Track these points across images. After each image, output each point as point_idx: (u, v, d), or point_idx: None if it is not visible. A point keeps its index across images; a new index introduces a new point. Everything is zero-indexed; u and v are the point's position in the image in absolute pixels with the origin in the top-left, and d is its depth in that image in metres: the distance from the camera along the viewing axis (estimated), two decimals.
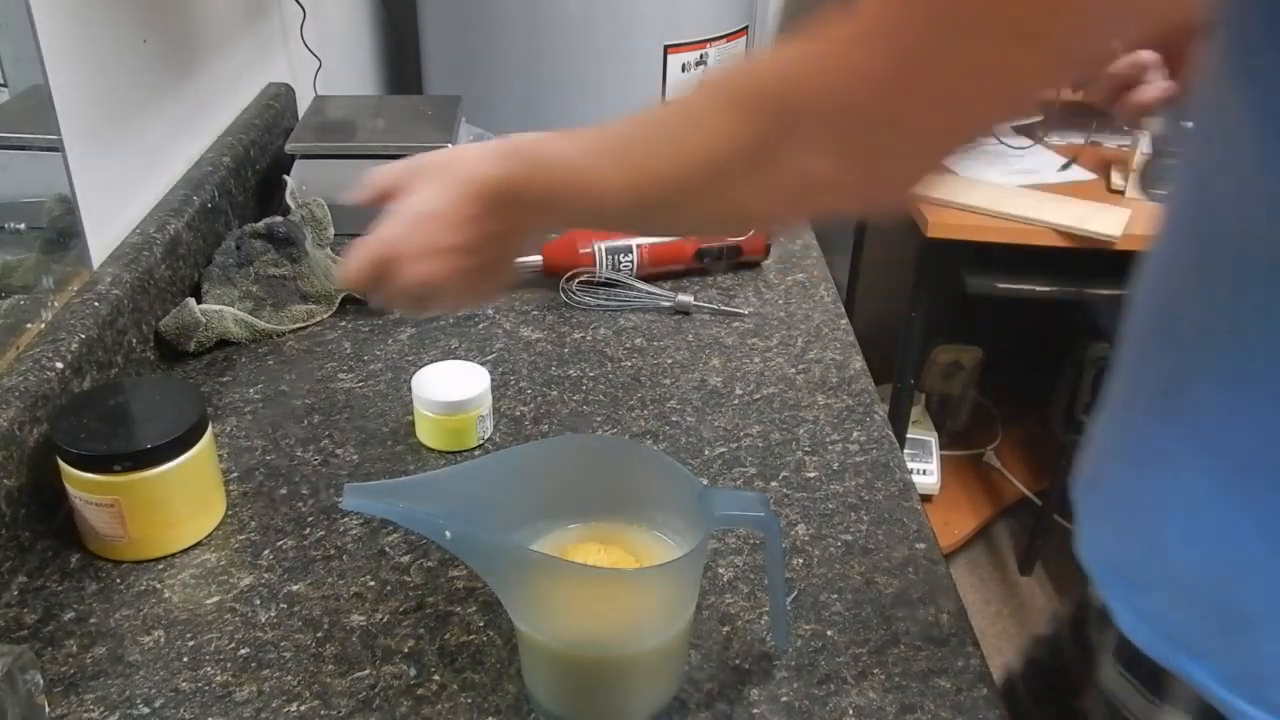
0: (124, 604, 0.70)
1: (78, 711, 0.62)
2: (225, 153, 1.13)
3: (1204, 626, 0.56)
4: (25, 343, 0.79)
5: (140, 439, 0.71)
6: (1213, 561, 0.55)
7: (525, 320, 1.04)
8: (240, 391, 0.91)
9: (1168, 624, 0.57)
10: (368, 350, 0.98)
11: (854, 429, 0.88)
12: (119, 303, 0.86)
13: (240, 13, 1.25)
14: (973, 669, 0.66)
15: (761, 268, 1.14)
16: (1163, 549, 0.57)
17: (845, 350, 1.00)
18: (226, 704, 0.63)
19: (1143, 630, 0.58)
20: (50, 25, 0.82)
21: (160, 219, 0.98)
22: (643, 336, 1.01)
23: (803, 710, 0.63)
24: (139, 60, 0.98)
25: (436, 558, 0.74)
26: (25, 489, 0.72)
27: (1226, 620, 0.55)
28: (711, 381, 0.94)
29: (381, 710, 0.63)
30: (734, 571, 0.73)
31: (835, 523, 0.78)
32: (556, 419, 0.89)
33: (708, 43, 1.70)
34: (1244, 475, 0.53)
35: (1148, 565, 0.59)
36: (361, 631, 0.68)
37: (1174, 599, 0.57)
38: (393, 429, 0.87)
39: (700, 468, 0.83)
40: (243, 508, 0.78)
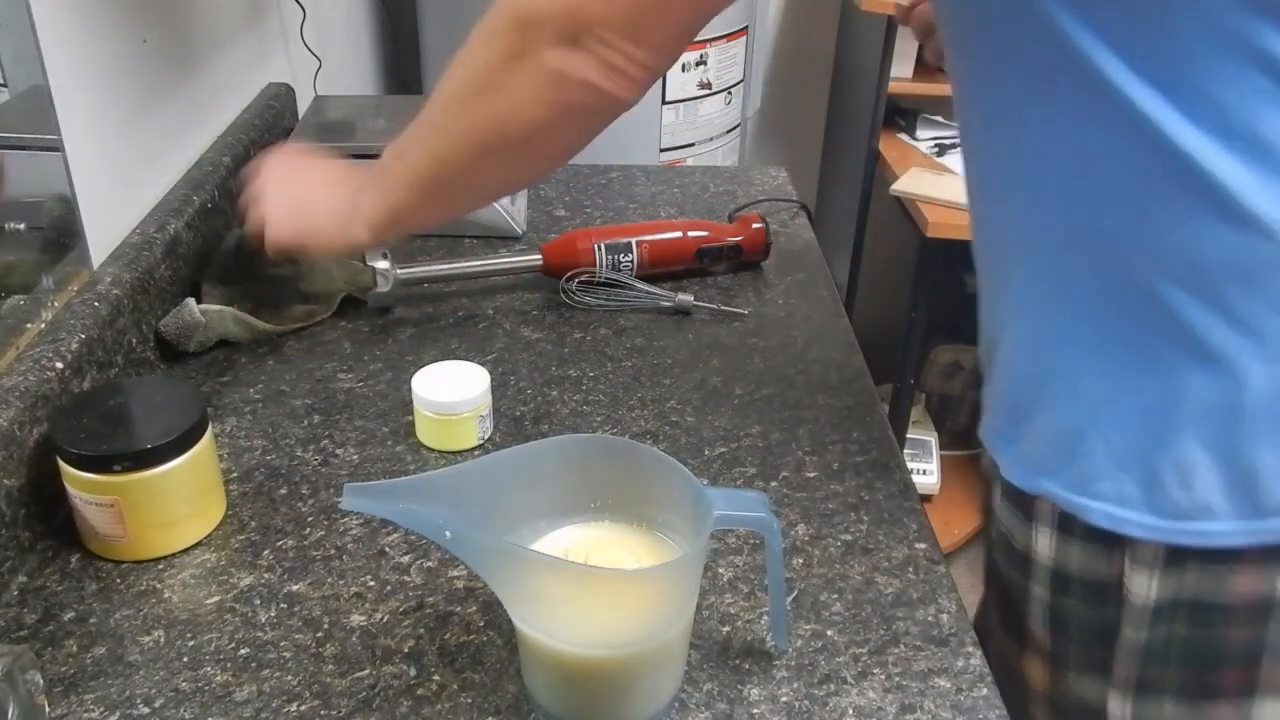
0: (124, 604, 0.70)
1: (78, 711, 0.62)
2: (225, 153, 1.13)
3: (1048, 449, 0.70)
4: (25, 343, 0.79)
5: (140, 439, 0.71)
6: (1043, 375, 0.69)
7: (525, 320, 1.04)
8: (240, 391, 0.91)
9: (1026, 455, 0.72)
10: (368, 350, 0.98)
11: (854, 429, 0.88)
12: (119, 303, 0.86)
13: (240, 13, 1.25)
14: (973, 669, 0.66)
15: (761, 268, 1.14)
16: (1010, 375, 0.73)
17: (845, 350, 1.00)
18: (226, 704, 0.63)
19: (1013, 467, 0.73)
20: (50, 25, 0.82)
21: (160, 219, 0.98)
22: (643, 336, 1.01)
23: (803, 710, 0.63)
24: (139, 60, 0.98)
25: (436, 558, 0.74)
26: (25, 489, 0.72)
27: (1060, 439, 0.69)
28: (711, 381, 0.94)
29: (381, 710, 0.63)
30: (734, 571, 0.73)
31: (835, 523, 0.78)
32: (556, 419, 0.89)
33: (708, 43, 1.70)
34: (1056, 266, 0.67)
35: (1008, 403, 0.73)
36: (361, 631, 0.68)
37: (1028, 431, 0.71)
38: (393, 429, 0.87)
39: (700, 468, 0.83)
40: (243, 508, 0.78)
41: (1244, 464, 0.64)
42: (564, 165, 0.83)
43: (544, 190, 1.32)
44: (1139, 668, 0.71)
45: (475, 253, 1.16)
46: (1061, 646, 0.74)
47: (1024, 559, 0.74)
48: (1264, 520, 0.64)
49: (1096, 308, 0.66)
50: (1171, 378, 0.64)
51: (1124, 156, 0.62)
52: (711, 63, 1.72)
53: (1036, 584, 0.74)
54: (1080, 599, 0.71)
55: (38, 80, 0.81)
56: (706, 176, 1.39)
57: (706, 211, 1.28)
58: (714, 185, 1.36)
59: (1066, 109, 0.63)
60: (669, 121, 1.72)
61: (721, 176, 1.39)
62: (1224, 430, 0.64)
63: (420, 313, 1.04)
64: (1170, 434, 0.65)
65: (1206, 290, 0.62)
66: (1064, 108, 0.63)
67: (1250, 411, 0.63)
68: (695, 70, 1.70)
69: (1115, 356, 0.66)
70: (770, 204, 1.29)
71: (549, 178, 1.35)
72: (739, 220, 1.15)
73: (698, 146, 1.77)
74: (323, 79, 1.49)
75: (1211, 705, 0.71)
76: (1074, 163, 0.64)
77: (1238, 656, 0.69)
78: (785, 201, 1.30)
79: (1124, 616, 0.70)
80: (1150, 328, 0.64)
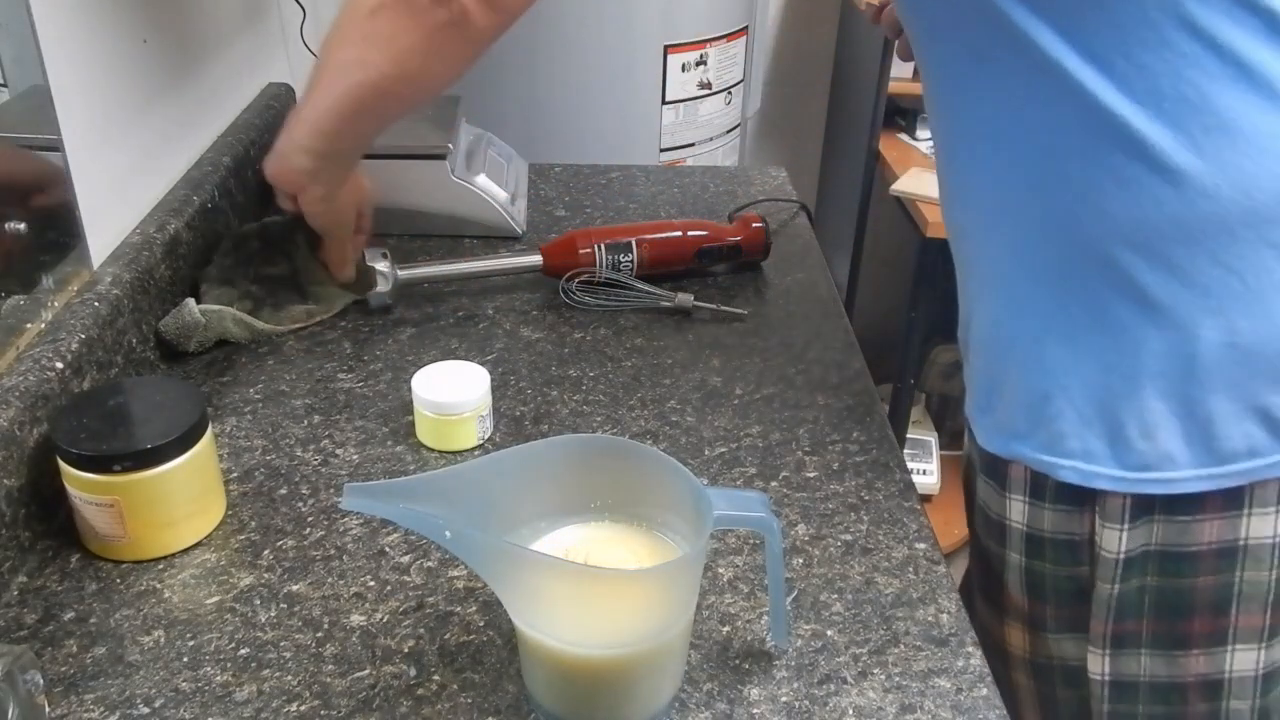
0: (124, 604, 0.70)
1: (78, 711, 0.62)
2: (225, 153, 1.13)
3: (1019, 415, 0.73)
4: (25, 343, 0.79)
5: (140, 439, 0.71)
6: (1009, 343, 0.73)
7: (525, 320, 1.04)
8: (240, 391, 0.91)
9: (999, 423, 0.75)
10: (368, 350, 0.98)
11: (854, 429, 0.88)
12: (119, 303, 0.86)
13: (240, 13, 1.25)
14: (973, 669, 0.66)
15: (761, 268, 1.14)
16: (983, 348, 0.76)
17: (845, 350, 1.00)
18: (226, 704, 0.63)
19: (988, 436, 0.76)
20: (50, 25, 0.82)
21: (160, 219, 0.98)
22: (643, 336, 1.01)
23: (803, 710, 0.63)
24: (139, 60, 0.98)
25: (436, 558, 0.74)
26: (25, 489, 0.72)
27: (1030, 403, 0.72)
28: (711, 381, 0.94)
29: (381, 710, 0.63)
30: (734, 571, 0.73)
31: (835, 523, 0.78)
32: (556, 419, 0.89)
33: (708, 43, 1.70)
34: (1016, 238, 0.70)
35: (983, 376, 0.76)
36: (361, 631, 0.68)
37: (1000, 400, 0.74)
38: (393, 429, 0.87)
39: (700, 468, 0.83)
40: (243, 508, 0.78)
41: (1199, 413, 0.67)
42: None
43: (544, 190, 1.32)
44: (1114, 622, 0.73)
45: (475, 253, 1.16)
46: (1039, 609, 0.77)
47: (1000, 527, 0.77)
48: (1221, 465, 0.68)
49: (1054, 275, 0.69)
50: (1127, 336, 0.67)
51: (1066, 127, 0.65)
52: (711, 63, 1.72)
53: (1012, 550, 0.76)
54: (1053, 560, 0.74)
55: (38, 80, 0.81)
56: (706, 176, 1.39)
57: (706, 211, 1.28)
58: (714, 185, 1.36)
59: (1010, 84, 0.66)
60: (669, 121, 1.72)
61: (721, 176, 1.39)
62: (1179, 382, 0.66)
63: (420, 313, 1.04)
64: (1130, 389, 0.68)
65: (1153, 250, 0.65)
66: (1007, 83, 0.66)
67: (1202, 362, 0.66)
68: (695, 70, 1.70)
69: (1074, 320, 0.68)
70: (770, 204, 1.29)
71: (549, 177, 1.35)
72: (739, 220, 1.15)
73: (698, 146, 1.77)
74: None
75: (1185, 654, 0.73)
76: (1022, 136, 0.67)
77: (1207, 604, 0.72)
78: (785, 201, 1.30)
79: (1097, 573, 0.72)
80: (1104, 290, 0.67)
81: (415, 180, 1.17)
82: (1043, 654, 0.78)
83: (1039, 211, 0.68)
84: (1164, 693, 0.75)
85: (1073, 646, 0.76)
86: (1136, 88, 0.62)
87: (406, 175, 1.17)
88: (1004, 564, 0.78)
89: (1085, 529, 0.72)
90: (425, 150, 1.17)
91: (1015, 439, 0.74)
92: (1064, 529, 0.73)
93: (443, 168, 1.16)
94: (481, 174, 1.20)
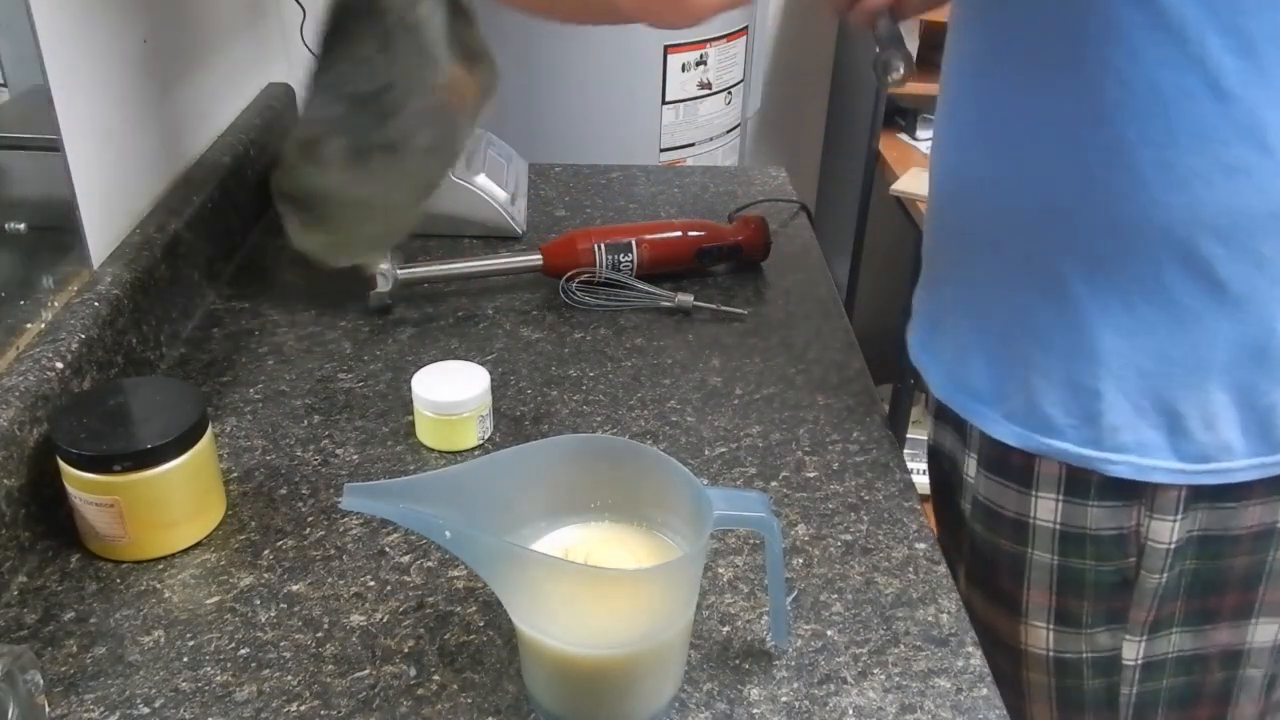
0: (124, 604, 0.70)
1: (78, 711, 0.62)
2: (225, 153, 1.13)
3: (1058, 409, 0.70)
4: (25, 343, 0.79)
5: (140, 439, 0.71)
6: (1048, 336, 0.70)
7: (525, 320, 1.04)
8: (240, 391, 0.91)
9: (1022, 417, 0.72)
10: (368, 350, 0.98)
11: (854, 429, 0.88)
12: (119, 303, 0.86)
13: (240, 13, 1.25)
14: (973, 669, 0.66)
15: (761, 268, 1.14)
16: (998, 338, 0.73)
17: (845, 350, 1.00)
18: (226, 704, 0.63)
19: (1002, 429, 0.74)
20: (50, 25, 0.82)
21: (160, 219, 0.98)
22: (643, 336, 1.01)
23: (803, 710, 0.63)
24: (139, 60, 0.98)
25: (436, 558, 0.74)
26: (25, 489, 0.72)
27: (1075, 397, 0.69)
28: (711, 381, 0.94)
29: (381, 710, 0.63)
30: (734, 571, 0.73)
31: (835, 523, 0.78)
32: (556, 419, 0.89)
33: (708, 43, 1.70)
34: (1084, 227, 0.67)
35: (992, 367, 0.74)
36: (361, 631, 0.68)
37: (1020, 392, 0.72)
38: (393, 429, 0.87)
39: (700, 468, 0.83)
40: (243, 508, 0.78)
41: (1262, 403, 0.67)
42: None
43: (544, 190, 1.32)
44: (1156, 609, 0.73)
45: (475, 253, 1.16)
46: (1072, 605, 0.75)
47: (1018, 525, 0.75)
48: (1275, 454, 0.68)
49: (1117, 264, 0.67)
50: (1199, 327, 0.66)
51: (1187, 113, 0.62)
52: (711, 63, 1.72)
53: (1037, 549, 0.75)
54: (1095, 556, 0.73)
55: (38, 80, 0.81)
56: (706, 176, 1.39)
57: (706, 211, 1.28)
58: (714, 185, 1.36)
59: (1134, 67, 0.62)
60: (669, 121, 1.72)
61: (721, 176, 1.39)
62: (1247, 372, 0.66)
63: (420, 313, 1.04)
64: (1195, 380, 0.67)
65: (1242, 241, 0.64)
66: (1139, 54, 0.62)
67: (1272, 353, 0.66)
68: (695, 70, 1.70)
69: (1135, 310, 0.67)
70: (770, 204, 1.29)
71: (549, 177, 1.35)
72: (739, 220, 1.15)
73: (698, 146, 1.77)
74: None
75: (1213, 629, 0.74)
76: (1124, 121, 0.63)
77: (1239, 581, 0.72)
78: (785, 201, 1.30)
79: (1144, 564, 0.72)
80: (1178, 280, 0.65)
81: None
82: (1071, 649, 0.77)
83: (1116, 198, 0.65)
84: (1187, 664, 0.75)
85: (1107, 638, 0.75)
86: (1266, 70, 0.60)
87: None
88: (1025, 562, 0.76)
89: (1133, 521, 0.71)
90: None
91: (1050, 433, 0.71)
92: (1109, 524, 0.71)
93: None
94: (481, 174, 1.20)
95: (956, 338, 0.78)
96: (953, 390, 0.78)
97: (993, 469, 0.77)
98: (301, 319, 1.02)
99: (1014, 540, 0.76)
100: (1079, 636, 0.76)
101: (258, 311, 1.03)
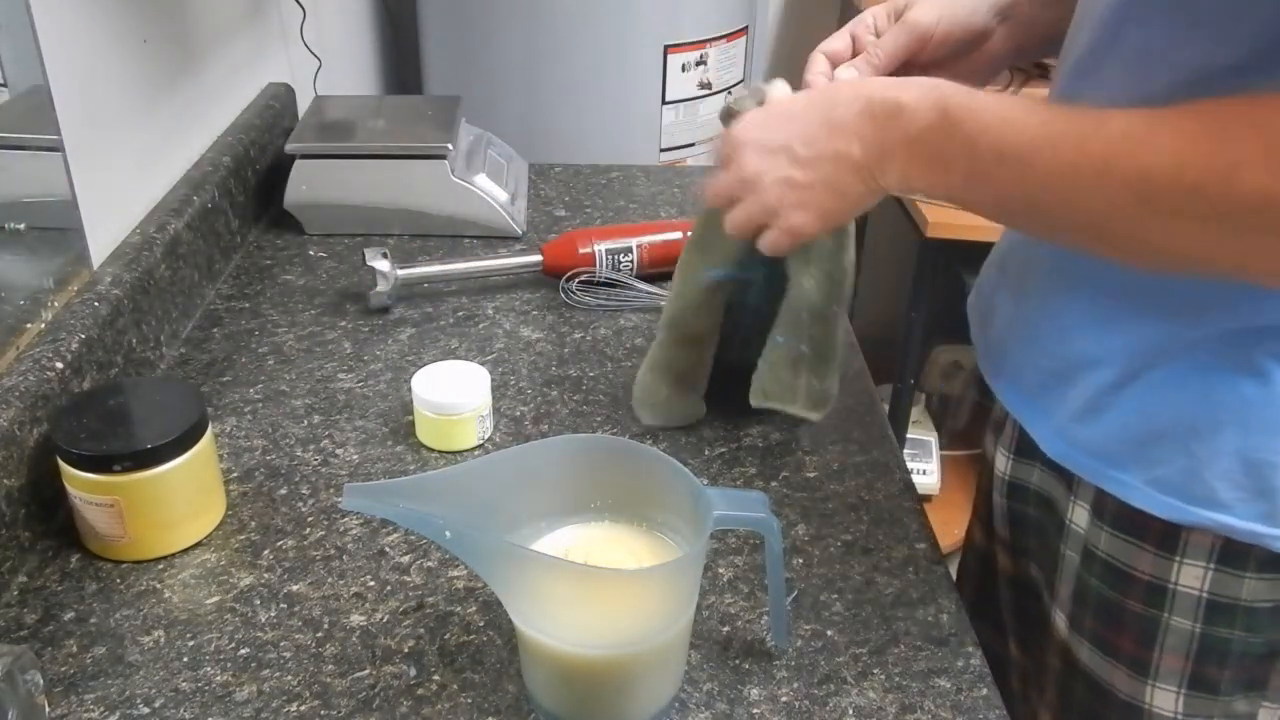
0: (124, 604, 0.70)
1: (78, 711, 0.62)
2: (225, 153, 1.13)
3: (1222, 482, 0.65)
4: (25, 343, 0.79)
5: (140, 439, 0.71)
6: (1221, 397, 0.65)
7: (525, 320, 1.04)
8: (240, 391, 0.91)
9: (1175, 485, 0.67)
10: (368, 350, 0.98)
11: (854, 429, 0.88)
12: (119, 303, 0.86)
13: (240, 13, 1.25)
14: (973, 669, 0.66)
15: None
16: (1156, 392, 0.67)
17: (845, 350, 1.00)
18: (226, 704, 0.63)
19: (1144, 495, 0.68)
20: (50, 25, 0.82)
21: (160, 219, 0.98)
22: (643, 336, 1.01)
23: (803, 710, 0.63)
24: (139, 60, 0.98)
25: (436, 558, 0.74)
26: (25, 489, 0.72)
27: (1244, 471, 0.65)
28: None
29: (381, 710, 0.63)
30: (734, 571, 0.73)
31: (835, 523, 0.78)
32: (556, 419, 0.89)
33: (708, 43, 1.70)
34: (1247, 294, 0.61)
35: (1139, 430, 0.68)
36: (361, 631, 0.68)
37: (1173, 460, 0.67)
38: (393, 429, 0.87)
39: (700, 468, 0.83)
40: (243, 508, 0.78)
41: None
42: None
43: (544, 190, 1.32)
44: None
45: (475, 253, 1.16)
46: (1212, 673, 0.72)
47: (1153, 589, 0.71)
48: None
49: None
50: None
51: None
52: (711, 63, 1.72)
53: (1178, 615, 0.71)
54: (1247, 628, 0.70)
55: (38, 80, 0.81)
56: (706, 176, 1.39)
57: None
58: None
59: None
60: (669, 121, 1.72)
61: None
62: None
63: (420, 313, 1.04)
64: None
65: None
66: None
67: None
68: (695, 70, 1.70)
69: None
70: None
71: (549, 177, 1.35)
72: None
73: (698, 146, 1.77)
74: (323, 79, 1.49)
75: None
76: None
77: None
78: None
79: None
80: None
81: (415, 180, 1.17)
82: (1202, 713, 0.73)
83: None
84: None
85: (1244, 704, 0.72)
86: None
87: (406, 175, 1.17)
88: (1159, 627, 0.72)
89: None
90: (425, 150, 1.17)
91: (1212, 506, 0.67)
92: (1266, 597, 0.69)
93: (443, 168, 1.16)
94: (481, 174, 1.20)
95: (1085, 396, 0.71)
96: (1073, 451, 0.72)
97: (1122, 528, 0.71)
98: (301, 319, 1.02)
99: (1146, 603, 0.72)
100: (1214, 703, 0.73)
101: (258, 311, 1.03)
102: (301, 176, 1.16)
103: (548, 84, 1.67)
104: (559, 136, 1.69)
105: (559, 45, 1.65)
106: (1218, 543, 0.68)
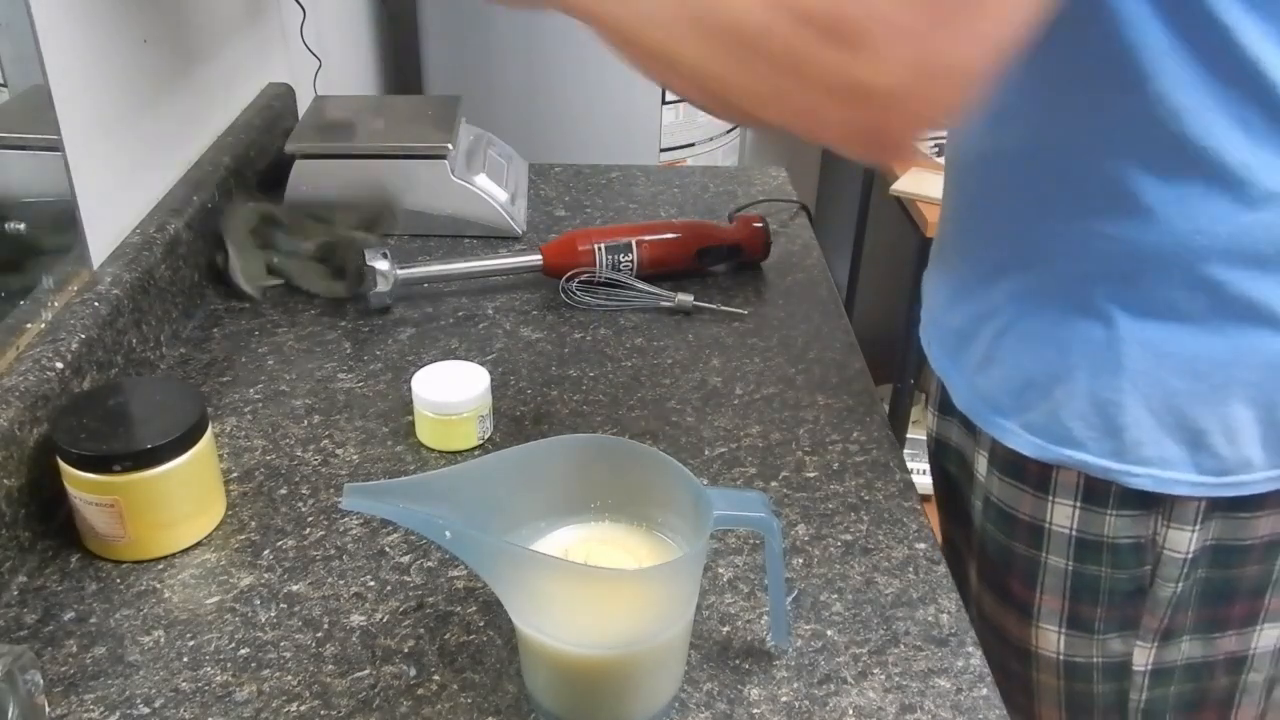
0: (124, 604, 0.70)
1: (78, 711, 0.62)
2: (225, 153, 1.13)
3: (1077, 422, 0.71)
4: (25, 343, 0.79)
5: (140, 439, 0.71)
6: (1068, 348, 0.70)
7: (525, 320, 1.04)
8: (240, 391, 0.91)
9: (1040, 427, 0.73)
10: (368, 350, 0.98)
11: (854, 429, 0.88)
12: (119, 303, 0.86)
13: (240, 13, 1.25)
14: (973, 669, 0.66)
15: (761, 268, 1.14)
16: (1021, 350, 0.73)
17: (845, 350, 1.00)
18: (226, 704, 0.63)
19: (1018, 438, 0.74)
20: (50, 25, 0.82)
21: (160, 219, 0.98)
22: (643, 336, 1.01)
23: (803, 710, 0.63)
24: (139, 60, 0.98)
25: (436, 558, 0.74)
26: (25, 489, 0.72)
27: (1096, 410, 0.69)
28: (711, 381, 0.94)
29: (381, 710, 0.63)
30: (734, 571, 0.73)
31: (835, 523, 0.78)
32: (556, 419, 0.89)
33: None
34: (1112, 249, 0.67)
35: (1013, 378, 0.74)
36: (361, 631, 0.68)
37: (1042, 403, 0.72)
38: (393, 429, 0.87)
39: (700, 468, 0.83)
40: (243, 508, 0.78)
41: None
42: None
43: (544, 190, 1.32)
44: (1169, 618, 0.74)
45: (475, 253, 1.16)
46: (1085, 611, 0.76)
47: (1033, 529, 0.76)
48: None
49: (1152, 281, 0.66)
50: (1228, 343, 0.66)
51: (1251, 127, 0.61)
52: None
53: (1052, 554, 0.75)
54: (1111, 564, 0.73)
55: (38, 80, 0.81)
56: (706, 176, 1.39)
57: (706, 211, 1.28)
58: (714, 185, 1.36)
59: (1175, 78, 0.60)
60: (669, 121, 1.72)
61: (721, 176, 1.39)
62: (1272, 388, 0.66)
63: (420, 313, 1.04)
64: (1221, 396, 0.67)
65: (1274, 264, 0.64)
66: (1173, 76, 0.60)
67: None
68: None
69: (1165, 325, 0.67)
70: (770, 204, 1.29)
71: (549, 177, 1.35)
72: (739, 220, 1.15)
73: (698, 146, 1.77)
74: (323, 79, 1.49)
75: (1221, 636, 0.75)
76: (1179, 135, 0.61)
77: (1249, 589, 0.73)
78: (785, 201, 1.30)
79: (1159, 573, 0.72)
80: (1209, 298, 0.65)
81: (415, 180, 1.17)
82: (1082, 653, 0.77)
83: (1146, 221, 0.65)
84: (1195, 670, 0.76)
85: (1119, 644, 0.76)
86: None
87: (406, 175, 1.17)
88: (1039, 566, 0.76)
89: (1150, 531, 0.72)
90: (425, 150, 1.17)
91: (1070, 445, 0.71)
92: (1127, 533, 0.72)
93: (443, 168, 1.16)
94: (481, 174, 1.20)
95: (981, 350, 0.77)
96: (974, 400, 0.78)
97: (1007, 472, 0.77)
98: (301, 319, 1.02)
99: (1029, 544, 0.77)
100: (1091, 642, 0.77)
101: (258, 311, 1.03)
102: (301, 176, 1.16)
103: (548, 84, 1.67)
104: (559, 136, 1.69)
105: (559, 45, 1.65)
106: (1081, 480, 0.72)
